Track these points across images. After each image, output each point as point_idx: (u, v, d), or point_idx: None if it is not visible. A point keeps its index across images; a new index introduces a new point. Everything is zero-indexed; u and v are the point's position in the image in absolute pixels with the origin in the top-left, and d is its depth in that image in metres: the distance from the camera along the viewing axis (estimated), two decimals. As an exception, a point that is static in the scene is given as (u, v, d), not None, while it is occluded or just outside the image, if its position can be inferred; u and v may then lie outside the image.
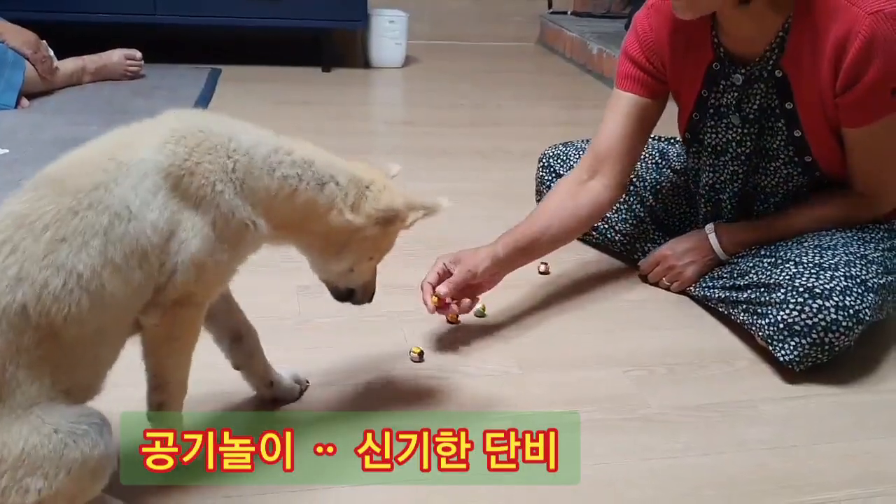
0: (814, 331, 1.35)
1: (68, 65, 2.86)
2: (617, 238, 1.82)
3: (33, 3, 3.09)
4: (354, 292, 1.20)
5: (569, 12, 4.48)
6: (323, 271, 1.17)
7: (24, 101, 2.63)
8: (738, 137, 1.56)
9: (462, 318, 1.53)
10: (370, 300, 1.24)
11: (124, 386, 1.01)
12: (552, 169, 1.91)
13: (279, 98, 2.96)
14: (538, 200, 1.99)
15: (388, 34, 3.66)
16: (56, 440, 0.85)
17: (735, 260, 1.58)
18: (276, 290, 1.61)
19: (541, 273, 1.74)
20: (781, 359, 1.38)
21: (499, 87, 3.53)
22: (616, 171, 1.61)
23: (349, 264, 1.13)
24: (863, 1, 1.33)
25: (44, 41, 2.76)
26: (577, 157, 1.87)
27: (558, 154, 1.92)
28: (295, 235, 1.09)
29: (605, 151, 1.61)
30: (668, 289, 1.68)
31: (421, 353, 1.41)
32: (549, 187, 1.90)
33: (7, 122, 2.47)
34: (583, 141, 1.94)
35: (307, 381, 1.29)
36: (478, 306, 1.55)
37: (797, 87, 1.45)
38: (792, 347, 1.37)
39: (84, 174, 0.90)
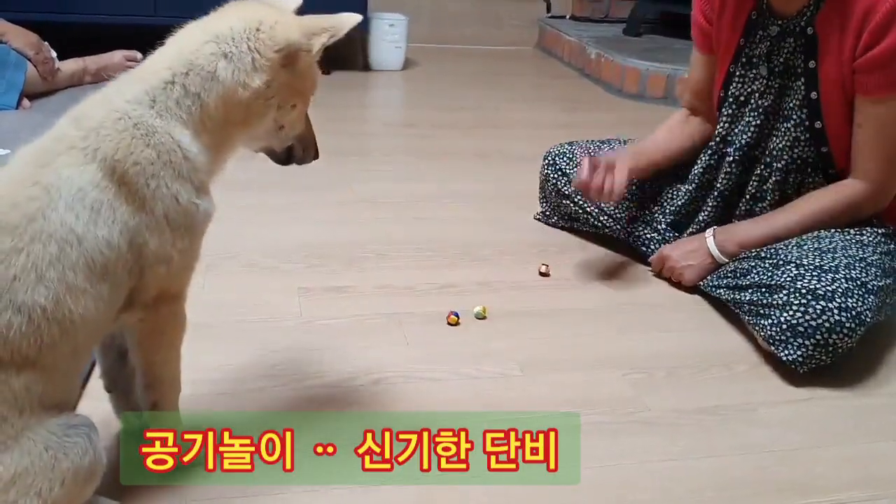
0: (818, 332, 1.35)
1: (69, 66, 2.86)
2: (617, 227, 1.85)
3: (35, 4, 3.09)
4: (293, 151, 1.11)
5: (567, 16, 4.49)
6: (252, 142, 1.06)
7: (26, 102, 2.64)
8: (762, 89, 1.61)
9: (463, 319, 1.53)
10: (315, 155, 1.13)
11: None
12: (557, 167, 1.92)
13: (279, 100, 2.96)
14: (541, 199, 2.01)
15: (387, 37, 3.66)
16: (47, 457, 0.84)
17: (737, 260, 1.58)
18: (277, 291, 1.61)
19: (541, 275, 1.74)
20: (785, 359, 1.38)
21: (497, 91, 3.53)
22: (709, 109, 1.77)
23: (274, 122, 1.02)
24: None
25: (46, 42, 2.76)
26: (582, 154, 1.89)
27: (563, 152, 1.93)
28: (231, 142, 1.00)
29: (698, 94, 1.80)
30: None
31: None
32: (554, 185, 1.92)
33: (8, 122, 2.47)
34: (588, 140, 1.96)
35: None
36: (478, 308, 1.55)
37: (823, 47, 1.49)
38: (796, 348, 1.37)
39: (12, 208, 0.85)
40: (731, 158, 1.67)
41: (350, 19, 1.00)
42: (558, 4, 4.50)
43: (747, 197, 1.67)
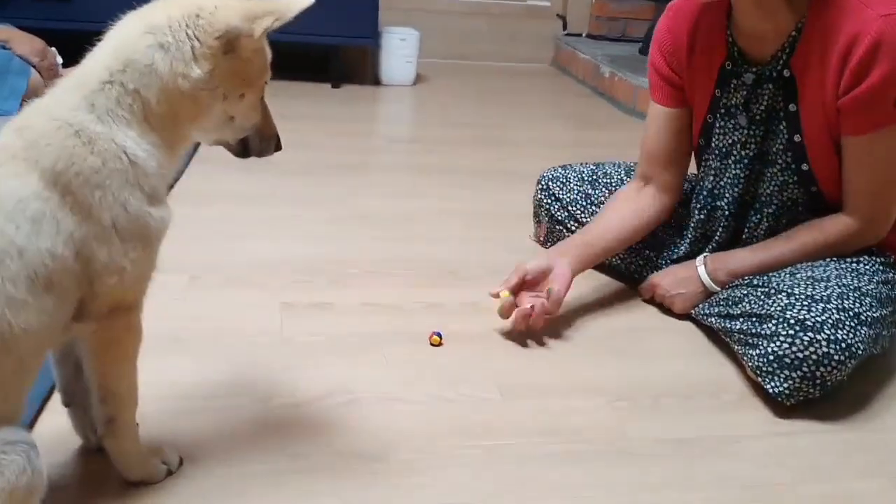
0: (805, 364, 1.31)
1: (76, 74, 2.87)
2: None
3: (42, 11, 3.12)
4: (249, 143, 1.05)
5: (583, 34, 4.46)
6: (204, 135, 1.01)
7: (29, 109, 2.65)
8: (744, 139, 1.55)
9: (445, 340, 1.50)
10: (276, 145, 1.07)
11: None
12: (550, 191, 1.89)
13: (286, 112, 2.90)
14: (536, 222, 1.97)
15: (398, 52, 3.65)
16: None
17: (729, 287, 1.54)
18: (259, 306, 1.58)
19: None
20: (771, 391, 1.34)
21: (509, 108, 3.51)
22: (667, 177, 1.67)
23: (223, 113, 0.98)
24: (877, 3, 1.32)
25: (53, 48, 2.78)
26: (576, 179, 1.86)
27: (557, 177, 1.90)
28: (181, 137, 0.96)
29: (653, 160, 1.68)
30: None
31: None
32: (547, 210, 1.88)
33: (11, 129, 2.48)
34: (582, 164, 1.93)
35: (180, 460, 1.12)
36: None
37: (802, 89, 1.44)
38: (782, 380, 1.33)
39: None
40: (727, 212, 1.61)
41: (297, 3, 0.95)
42: (575, 22, 4.48)
43: (740, 244, 1.62)
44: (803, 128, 1.46)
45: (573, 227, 1.84)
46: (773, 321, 1.35)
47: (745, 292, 1.47)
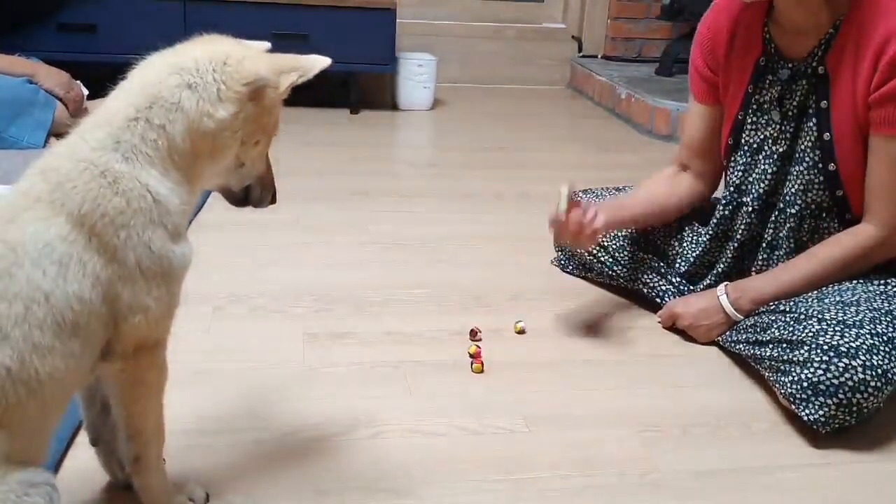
0: (840, 391, 1.28)
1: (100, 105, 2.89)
2: (631, 278, 1.79)
3: (68, 43, 3.16)
4: (251, 191, 1.06)
5: (599, 56, 4.46)
6: (213, 178, 1.01)
7: (53, 142, 2.66)
8: (775, 135, 1.55)
9: (467, 370, 1.48)
10: (273, 199, 1.09)
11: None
12: (572, 216, 1.87)
13: (306, 139, 2.96)
14: (556, 247, 1.96)
15: (416, 78, 3.66)
16: None
17: (756, 314, 1.51)
18: (282, 337, 1.58)
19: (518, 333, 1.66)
20: (806, 419, 1.32)
21: (526, 130, 3.50)
22: (705, 166, 1.73)
23: (234, 157, 0.99)
24: None
25: (78, 81, 2.81)
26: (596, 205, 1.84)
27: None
28: (201, 176, 0.97)
29: (693, 150, 1.73)
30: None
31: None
32: (568, 234, 1.87)
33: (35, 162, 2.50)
34: (602, 188, 1.91)
35: (206, 496, 1.12)
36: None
37: (835, 86, 1.44)
38: (817, 407, 1.30)
39: None
40: (750, 209, 1.60)
41: (319, 62, 0.99)
42: (590, 44, 4.48)
43: (764, 245, 1.61)
44: (833, 126, 1.46)
45: (595, 251, 1.82)
46: (805, 347, 1.33)
47: (773, 318, 1.45)
